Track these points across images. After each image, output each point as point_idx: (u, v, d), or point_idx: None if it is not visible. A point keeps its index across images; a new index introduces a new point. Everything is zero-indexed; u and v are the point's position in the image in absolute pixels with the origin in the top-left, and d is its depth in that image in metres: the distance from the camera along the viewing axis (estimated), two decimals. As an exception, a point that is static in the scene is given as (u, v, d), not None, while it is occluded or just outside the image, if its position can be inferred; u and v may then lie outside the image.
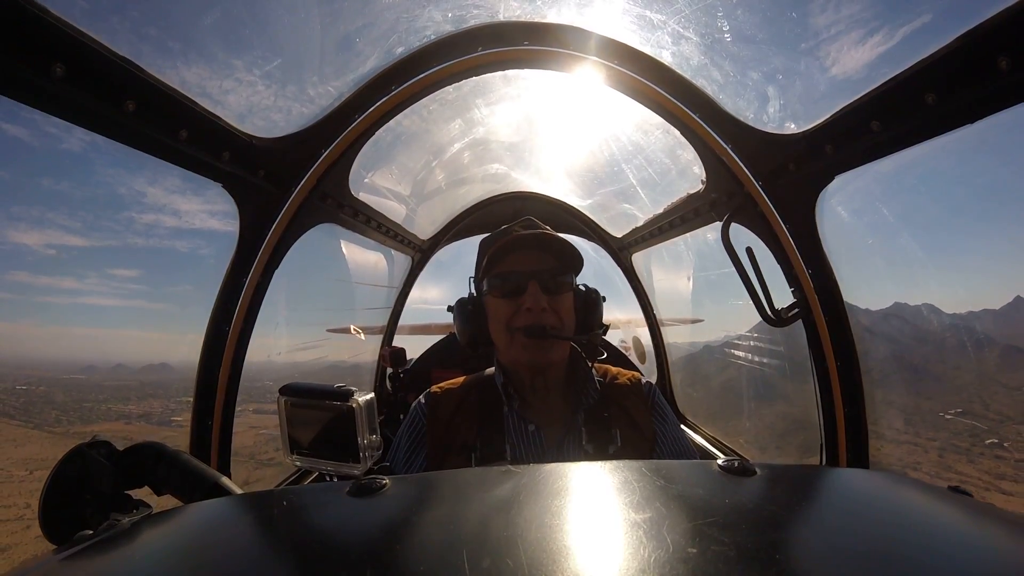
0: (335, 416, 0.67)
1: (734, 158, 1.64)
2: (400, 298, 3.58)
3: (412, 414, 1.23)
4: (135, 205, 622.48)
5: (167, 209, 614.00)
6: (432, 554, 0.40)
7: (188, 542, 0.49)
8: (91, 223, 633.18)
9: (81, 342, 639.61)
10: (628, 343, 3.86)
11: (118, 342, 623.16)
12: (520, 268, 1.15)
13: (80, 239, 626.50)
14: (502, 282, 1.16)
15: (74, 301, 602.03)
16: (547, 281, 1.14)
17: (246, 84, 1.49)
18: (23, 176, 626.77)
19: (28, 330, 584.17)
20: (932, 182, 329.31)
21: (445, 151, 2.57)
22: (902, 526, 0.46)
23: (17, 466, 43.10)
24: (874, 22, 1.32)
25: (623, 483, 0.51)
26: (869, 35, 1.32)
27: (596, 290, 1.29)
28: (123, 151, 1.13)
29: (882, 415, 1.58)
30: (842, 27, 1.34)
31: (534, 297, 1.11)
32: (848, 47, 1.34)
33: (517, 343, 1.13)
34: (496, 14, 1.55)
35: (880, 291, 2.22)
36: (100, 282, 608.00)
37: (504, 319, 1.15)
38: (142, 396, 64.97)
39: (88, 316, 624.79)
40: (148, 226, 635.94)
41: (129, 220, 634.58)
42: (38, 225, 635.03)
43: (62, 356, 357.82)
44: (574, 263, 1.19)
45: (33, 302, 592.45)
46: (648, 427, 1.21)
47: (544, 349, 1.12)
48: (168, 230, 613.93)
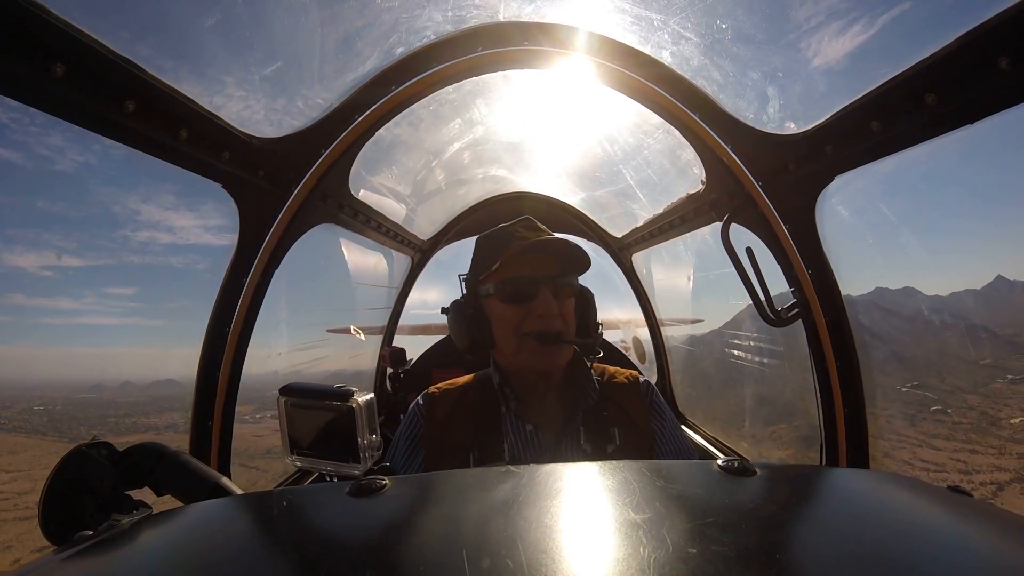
0: (335, 416, 0.68)
1: (734, 158, 1.64)
2: (400, 298, 3.58)
3: (410, 415, 1.23)
4: (129, 223, 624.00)
5: (161, 226, 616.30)
6: (432, 554, 0.40)
7: (188, 542, 0.49)
8: (86, 242, 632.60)
9: (81, 361, 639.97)
10: (628, 343, 3.87)
11: (119, 360, 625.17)
12: (531, 273, 1.13)
13: (76, 259, 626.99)
14: (513, 286, 1.14)
15: (71, 321, 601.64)
16: (556, 286, 1.13)
17: (246, 84, 1.49)
18: (17, 197, 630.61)
19: (27, 351, 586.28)
20: (932, 182, 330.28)
21: (445, 151, 2.57)
22: (902, 526, 0.46)
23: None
24: (874, 22, 1.32)
25: (623, 483, 0.51)
26: (869, 35, 1.32)
27: (588, 288, 1.30)
28: (115, 169, 1.13)
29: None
30: (842, 27, 1.34)
31: (546, 303, 1.10)
32: (848, 47, 1.34)
33: (527, 348, 1.12)
34: (496, 14, 1.55)
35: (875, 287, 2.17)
36: (97, 301, 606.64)
37: (513, 324, 1.13)
38: (159, 410, 66.32)
39: (86, 336, 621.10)
40: (143, 243, 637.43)
41: (124, 238, 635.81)
42: (34, 247, 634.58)
43: (65, 376, 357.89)
44: (581, 266, 1.18)
45: (29, 323, 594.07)
46: (646, 426, 1.21)
47: (554, 355, 1.12)
48: (163, 246, 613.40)
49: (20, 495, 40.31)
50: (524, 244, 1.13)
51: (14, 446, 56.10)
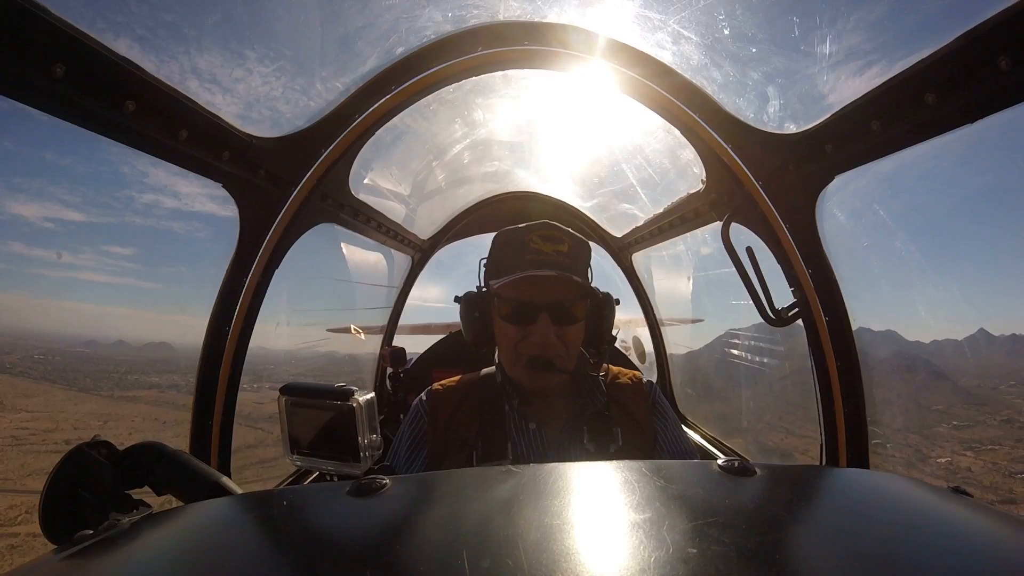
0: (335, 416, 0.68)
1: (734, 158, 1.64)
2: (400, 298, 3.58)
3: (413, 412, 1.23)
4: (136, 184, 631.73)
5: (167, 190, 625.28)
6: (432, 554, 0.40)
7: (188, 542, 0.49)
8: (91, 198, 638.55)
9: (73, 316, 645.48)
10: (628, 343, 3.87)
11: (110, 319, 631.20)
12: (533, 299, 1.11)
13: (78, 214, 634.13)
14: (513, 307, 1.13)
15: (67, 275, 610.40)
16: (559, 313, 1.11)
17: (246, 84, 1.49)
18: (26, 147, 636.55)
19: (21, 301, 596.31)
20: (932, 182, 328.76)
21: (445, 151, 2.57)
22: (902, 526, 0.46)
23: (89, 418, 48.63)
24: (875, 22, 1.32)
25: (623, 483, 0.51)
26: (869, 35, 1.31)
27: (608, 295, 1.26)
28: None
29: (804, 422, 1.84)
30: (843, 26, 1.34)
31: (543, 331, 1.09)
32: (849, 47, 1.34)
33: (521, 367, 1.13)
34: (496, 14, 1.55)
35: (876, 292, 2.19)
36: (94, 258, 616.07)
37: (512, 342, 1.14)
38: (158, 371, 67.65)
39: (79, 290, 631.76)
40: (147, 205, 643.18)
41: (129, 198, 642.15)
42: (38, 197, 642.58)
43: (57, 329, 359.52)
44: (585, 292, 1.16)
45: (26, 273, 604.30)
46: (649, 426, 1.21)
47: (546, 379, 1.13)
48: (167, 211, 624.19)
49: (46, 432, 42.20)
50: (527, 276, 1.08)
51: (27, 390, 57.91)
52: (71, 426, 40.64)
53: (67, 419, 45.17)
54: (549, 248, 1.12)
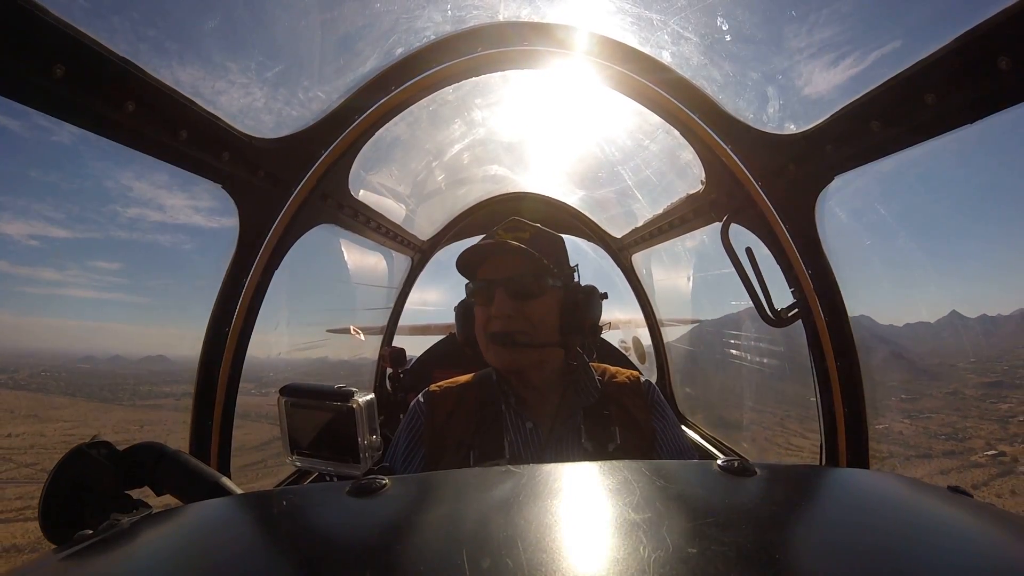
0: (335, 416, 0.68)
1: (734, 158, 1.64)
2: (400, 298, 3.58)
3: (411, 413, 1.24)
4: (121, 198, 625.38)
5: (152, 204, 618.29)
6: (432, 554, 0.40)
7: (188, 542, 0.49)
8: (76, 215, 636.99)
9: (64, 333, 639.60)
10: (628, 343, 3.87)
11: (102, 334, 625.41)
12: (488, 276, 1.18)
13: (63, 231, 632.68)
14: (476, 290, 1.20)
15: (53, 292, 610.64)
16: (516, 287, 1.14)
17: (246, 85, 1.49)
18: (12, 166, 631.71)
19: (6, 319, 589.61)
20: (932, 182, 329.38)
21: (445, 151, 2.57)
22: (901, 526, 0.46)
23: (125, 424, 49.96)
24: (874, 22, 1.32)
25: (623, 483, 0.51)
26: (869, 35, 1.32)
27: (591, 288, 1.27)
28: (112, 145, 1.13)
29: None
30: (843, 26, 1.34)
31: (499, 305, 1.14)
32: (849, 47, 1.34)
33: (491, 349, 1.17)
34: (496, 14, 1.55)
35: (877, 290, 2.19)
36: (80, 274, 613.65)
37: (482, 324, 1.19)
38: (166, 382, 69.29)
39: (67, 308, 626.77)
40: (132, 220, 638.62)
41: (114, 213, 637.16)
42: (23, 215, 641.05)
43: (52, 347, 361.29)
44: (542, 267, 1.15)
45: (11, 291, 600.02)
46: (647, 425, 1.21)
47: (512, 355, 1.14)
48: (152, 224, 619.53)
49: (87, 438, 46.10)
50: (469, 250, 1.17)
51: (52, 403, 59.53)
52: (112, 431, 41.25)
53: (104, 426, 46.68)
54: (509, 236, 1.19)
